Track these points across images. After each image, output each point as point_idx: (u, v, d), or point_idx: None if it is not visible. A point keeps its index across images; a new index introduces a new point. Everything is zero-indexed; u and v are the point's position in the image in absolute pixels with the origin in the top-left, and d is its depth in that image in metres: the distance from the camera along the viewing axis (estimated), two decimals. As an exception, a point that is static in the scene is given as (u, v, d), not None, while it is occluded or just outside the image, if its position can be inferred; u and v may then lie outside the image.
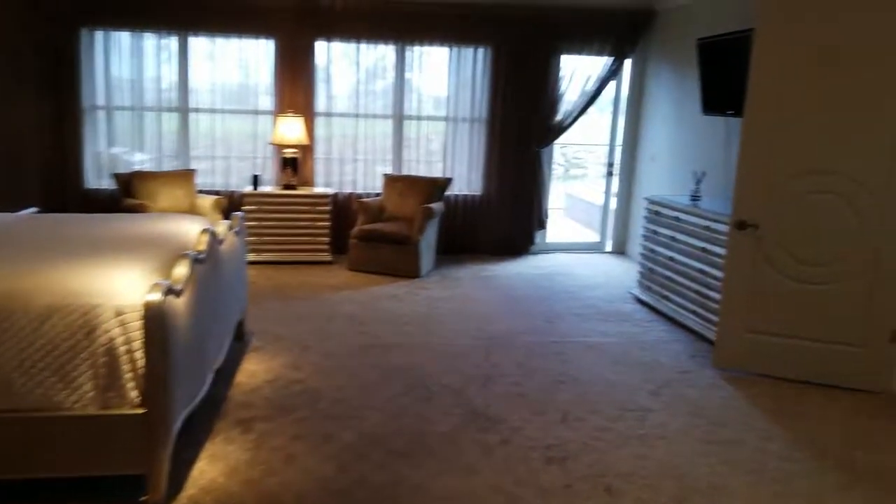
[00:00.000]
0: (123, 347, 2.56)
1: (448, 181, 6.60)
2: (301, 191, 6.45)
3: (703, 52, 5.36)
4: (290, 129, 6.33)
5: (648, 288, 5.46)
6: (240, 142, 6.74)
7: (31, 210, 4.38)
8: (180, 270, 2.86)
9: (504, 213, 7.06)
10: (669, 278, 5.14)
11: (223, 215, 6.23)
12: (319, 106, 6.71)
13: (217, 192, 6.71)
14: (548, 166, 7.12)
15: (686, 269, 4.92)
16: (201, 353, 3.11)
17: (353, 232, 6.24)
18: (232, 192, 6.74)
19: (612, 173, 7.35)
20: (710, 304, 4.61)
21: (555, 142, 7.10)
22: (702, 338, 4.67)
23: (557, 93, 6.83)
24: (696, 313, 4.77)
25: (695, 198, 5.36)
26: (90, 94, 6.38)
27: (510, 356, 4.28)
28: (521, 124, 6.86)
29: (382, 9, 6.46)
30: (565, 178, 12.11)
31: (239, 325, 4.39)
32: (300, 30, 6.47)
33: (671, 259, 5.12)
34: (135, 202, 5.92)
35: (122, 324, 2.56)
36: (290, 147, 6.47)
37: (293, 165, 6.49)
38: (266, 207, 6.36)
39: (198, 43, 6.51)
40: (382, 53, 6.69)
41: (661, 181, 6.60)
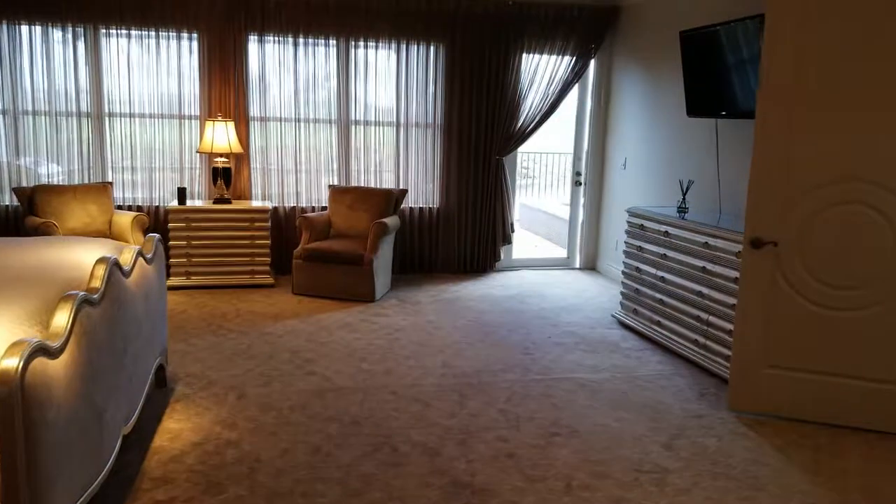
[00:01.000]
0: (-37, 440, 1.76)
1: (403, 193, 5.90)
2: (236, 205, 5.64)
3: (688, 47, 4.84)
4: (220, 136, 5.52)
5: (635, 311, 4.88)
6: (164, 151, 5.88)
7: None
8: (59, 319, 2.08)
9: (465, 228, 6.41)
10: (661, 301, 4.56)
11: (144, 234, 5.38)
12: (254, 110, 5.92)
13: (139, 208, 5.84)
14: (511, 176, 6.51)
15: (681, 290, 4.35)
16: (99, 422, 2.32)
17: (296, 251, 5.46)
18: (157, 208, 5.88)
19: (581, 183, 6.80)
20: (713, 332, 4.05)
21: (518, 149, 6.49)
22: (705, 371, 4.10)
23: (518, 95, 6.23)
24: (696, 343, 4.20)
25: (682, 209, 4.82)
26: (-18, 93, 5.43)
27: (489, 401, 3.59)
28: (479, 130, 6.23)
29: (323, 0, 5.74)
30: (522, 188, 11.54)
31: (159, 370, 3.59)
32: (229, 24, 5.68)
33: (661, 279, 4.55)
34: (38, 221, 5.02)
35: (-39, 405, 1.77)
36: (221, 156, 5.66)
37: (225, 177, 5.67)
38: (195, 225, 5.52)
39: (112, 39, 5.63)
40: (324, 51, 5.96)
41: (636, 191, 6.07)
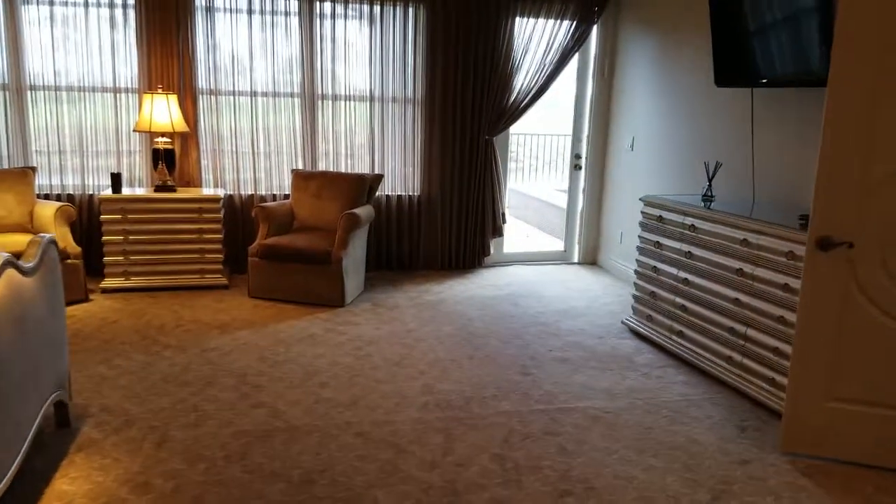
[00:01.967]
0: None
1: (378, 178, 5.11)
2: (182, 193, 4.82)
3: (718, 3, 4.06)
4: (161, 112, 4.69)
5: (649, 318, 4.13)
6: (98, 130, 5.03)
7: None
8: None
9: (450, 219, 5.63)
10: (683, 308, 3.82)
11: (70, 228, 4.57)
12: (202, 82, 5.07)
13: (70, 198, 5.00)
14: (502, 159, 5.73)
15: (710, 296, 3.61)
16: None
17: (251, 248, 4.66)
18: (91, 196, 5.04)
19: (580, 166, 6.03)
20: (752, 348, 3.31)
21: (510, 129, 5.70)
22: (742, 395, 3.38)
23: (510, 66, 5.44)
24: (730, 360, 3.47)
25: (707, 198, 4.07)
26: None
27: (481, 442, 2.84)
28: (466, 106, 5.43)
29: (287, -48, 4.90)
30: (512, 172, 10.75)
31: (60, 406, 2.82)
32: (175, -22, 4.83)
33: (684, 282, 3.81)
34: (-62, 213, 4.18)
35: None
36: (163, 136, 4.83)
37: (168, 160, 4.84)
38: (134, 217, 4.69)
39: (32, 2, 4.77)
40: (284, 13, 5.12)
41: (646, 176, 5.31)
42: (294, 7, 5.09)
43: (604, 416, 3.11)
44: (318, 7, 5.12)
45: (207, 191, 4.99)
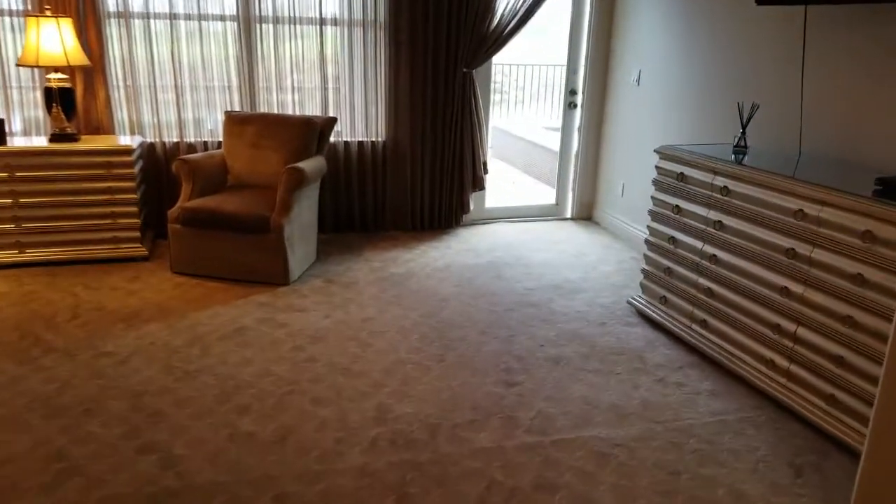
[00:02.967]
0: None
1: (331, 122, 4.18)
2: (85, 143, 3.87)
3: None
4: (51, 41, 3.69)
5: (664, 301, 3.33)
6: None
7: None
8: None
9: (421, 169, 4.73)
10: (709, 291, 3.02)
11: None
12: (109, 2, 4.05)
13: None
14: (483, 95, 4.79)
15: (747, 281, 2.80)
16: None
17: (171, 212, 3.76)
18: (-24, 147, 4.08)
19: (576, 104, 5.11)
20: (803, 352, 2.53)
21: (493, 59, 4.74)
22: (789, 412, 2.62)
23: (496, -18, 4.44)
24: (773, 365, 2.69)
25: (740, 148, 3.22)
26: None
27: (449, 504, 2.07)
28: (440, 31, 4.46)
29: None
30: (494, 104, 9.76)
31: None
32: None
33: (713, 259, 2.99)
34: None
35: None
36: (57, 71, 3.85)
37: (64, 101, 3.87)
38: (24, 174, 3.77)
39: None
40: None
41: (656, 118, 4.42)
42: None
43: (614, 454, 2.34)
44: None
45: (121, 140, 4.04)
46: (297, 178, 3.67)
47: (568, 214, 5.30)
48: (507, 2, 4.48)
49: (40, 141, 3.93)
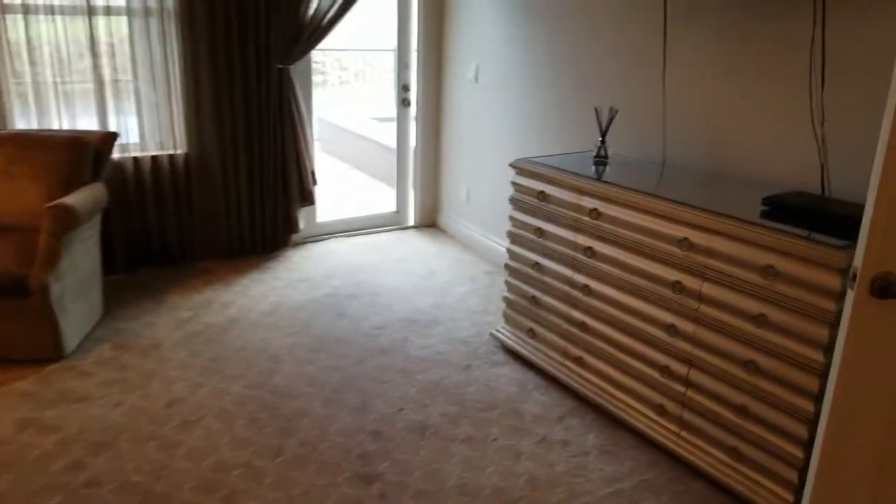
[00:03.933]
0: None
1: (109, 138, 3.30)
2: None
3: None
4: None
5: (531, 334, 2.92)
6: None
7: None
8: None
9: (235, 184, 3.96)
10: (583, 326, 2.63)
11: None
12: None
13: None
14: (305, 94, 4.10)
15: (628, 316, 2.43)
16: None
17: None
18: None
19: (409, 101, 4.56)
20: (698, 399, 2.21)
21: (313, 51, 4.06)
22: (688, 467, 2.29)
23: (308, -38, 3.75)
24: (661, 411, 2.34)
25: (600, 160, 2.86)
26: None
27: None
28: (247, 21, 3.70)
29: None
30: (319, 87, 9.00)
31: None
32: None
33: (585, 290, 2.60)
34: None
35: None
36: None
37: None
38: None
39: None
40: None
41: (499, 118, 4.00)
42: None
43: (507, 572, 1.86)
44: None
45: None
46: (63, 220, 2.79)
47: (411, 222, 4.78)
48: (322, -15, 3.82)
49: None
